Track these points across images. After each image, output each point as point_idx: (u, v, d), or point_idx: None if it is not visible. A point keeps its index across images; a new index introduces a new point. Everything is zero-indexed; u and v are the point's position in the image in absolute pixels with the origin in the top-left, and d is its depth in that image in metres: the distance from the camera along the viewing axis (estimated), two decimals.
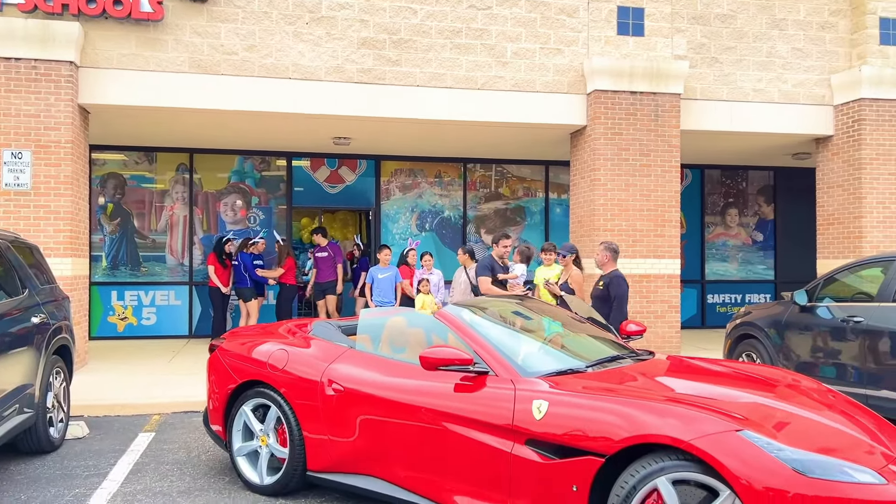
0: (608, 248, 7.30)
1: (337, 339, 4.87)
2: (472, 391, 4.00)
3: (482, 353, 4.09)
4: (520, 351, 4.21)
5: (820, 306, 6.87)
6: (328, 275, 11.45)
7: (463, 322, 4.33)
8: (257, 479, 4.82)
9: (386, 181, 13.08)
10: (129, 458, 5.65)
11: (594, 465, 3.45)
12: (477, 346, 4.14)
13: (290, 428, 4.62)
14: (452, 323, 4.34)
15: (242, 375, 4.92)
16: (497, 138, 11.28)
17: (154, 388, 8.01)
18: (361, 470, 4.40)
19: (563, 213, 13.55)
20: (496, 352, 4.09)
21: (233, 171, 12.65)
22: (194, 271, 12.44)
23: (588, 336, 4.91)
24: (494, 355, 4.07)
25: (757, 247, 14.43)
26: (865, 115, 10.35)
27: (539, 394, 3.75)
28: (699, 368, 4.42)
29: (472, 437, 3.90)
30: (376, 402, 4.30)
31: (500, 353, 4.09)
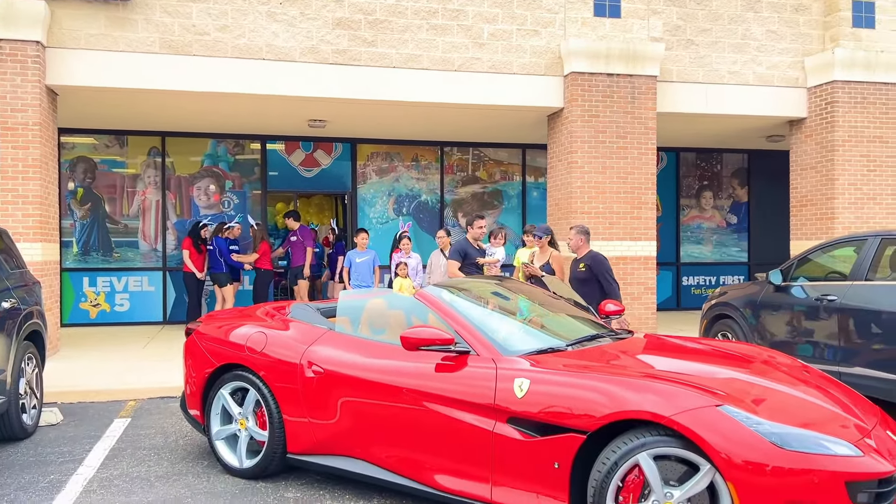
0: (581, 231, 7.34)
1: (316, 322, 4.82)
2: (453, 371, 3.98)
3: (463, 332, 4.07)
4: (500, 330, 4.20)
5: (794, 286, 6.95)
6: (300, 259, 11.33)
7: (443, 302, 4.30)
8: (236, 462, 4.78)
9: (362, 165, 12.98)
10: (104, 444, 5.57)
11: (576, 442, 3.46)
12: (458, 325, 4.12)
13: (269, 411, 4.58)
14: (433, 303, 4.31)
15: (220, 359, 4.86)
16: (474, 121, 11.24)
17: (129, 374, 7.91)
18: (342, 451, 4.38)
19: (540, 197, 13.57)
20: (477, 331, 4.08)
21: (206, 154, 12.47)
22: (168, 257, 12.28)
23: (567, 316, 4.92)
24: (475, 335, 4.05)
25: (731, 229, 14.58)
26: (838, 97, 10.46)
27: (520, 372, 3.74)
28: (677, 346, 4.45)
29: (454, 416, 3.89)
30: (357, 383, 4.27)
31: (480, 332, 4.07)
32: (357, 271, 9.42)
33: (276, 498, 4.41)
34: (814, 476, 3.09)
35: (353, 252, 9.61)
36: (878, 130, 10.60)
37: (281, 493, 4.48)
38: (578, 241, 7.27)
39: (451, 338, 3.97)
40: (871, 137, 10.58)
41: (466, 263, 7.26)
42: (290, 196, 13.35)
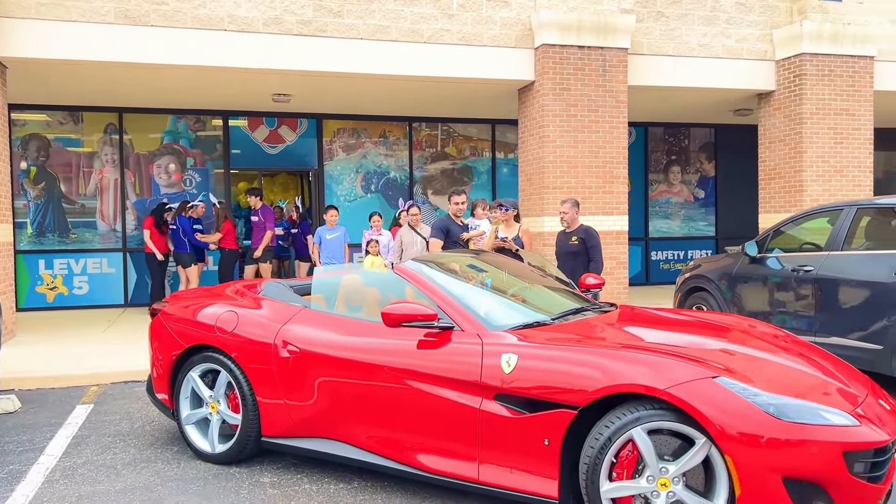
0: (575, 204, 7.32)
1: (289, 300, 4.62)
2: (435, 347, 3.83)
3: (446, 307, 3.92)
4: (483, 305, 4.05)
5: (769, 257, 6.93)
6: (257, 240, 10.67)
7: (425, 277, 4.14)
8: (208, 447, 4.58)
9: (328, 141, 12.69)
10: (66, 432, 5.32)
11: (566, 417, 3.34)
12: (440, 300, 3.96)
13: (242, 393, 4.38)
14: (413, 278, 4.14)
15: (188, 340, 4.63)
16: (443, 95, 11.02)
17: (90, 358, 7.60)
18: (320, 433, 4.21)
19: (510, 173, 13.43)
20: (460, 306, 3.92)
21: (165, 131, 12.06)
22: (128, 237, 11.88)
23: (547, 289, 4.79)
24: (459, 310, 3.90)
25: (699, 204, 14.63)
26: (806, 69, 10.47)
27: (507, 347, 3.60)
28: (661, 318, 4.36)
29: (438, 394, 3.74)
30: (334, 362, 4.10)
31: (464, 307, 3.92)
32: (328, 248, 9.20)
33: (251, 483, 4.22)
34: (812, 447, 3.01)
35: (322, 229, 9.38)
36: (844, 103, 10.65)
37: (256, 479, 4.30)
38: (574, 214, 7.21)
39: (434, 313, 3.81)
40: (838, 110, 10.63)
41: (449, 241, 6.89)
42: (255, 174, 13.01)
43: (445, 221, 7.05)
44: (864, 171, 10.79)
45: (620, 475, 3.24)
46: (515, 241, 7.29)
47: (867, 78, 10.73)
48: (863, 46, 10.62)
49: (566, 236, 7.37)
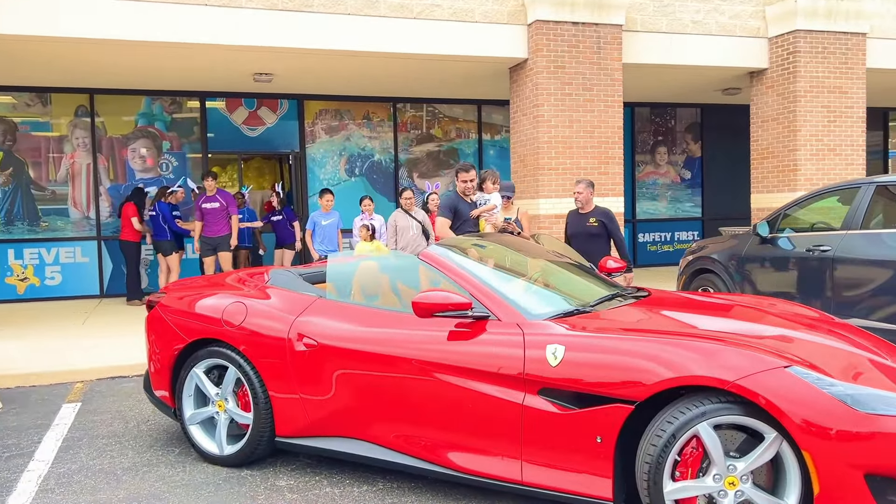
0: (590, 185, 7.07)
1: (301, 289, 4.30)
2: (468, 338, 3.55)
3: (480, 296, 3.63)
4: (518, 292, 3.78)
5: (781, 237, 6.76)
6: (219, 228, 9.82)
7: (453, 263, 3.84)
8: (216, 449, 4.26)
9: (310, 123, 12.26)
10: (55, 434, 4.94)
11: (622, 412, 3.09)
12: (473, 288, 3.67)
13: (253, 390, 4.06)
14: (441, 265, 3.85)
15: (191, 334, 4.29)
16: (430, 74, 10.67)
17: (71, 352, 7.18)
18: (340, 432, 3.91)
19: (497, 155, 13.14)
20: (495, 294, 3.64)
21: (140, 113, 11.53)
22: (102, 225, 11.36)
23: (574, 275, 4.53)
24: (494, 298, 3.62)
25: (685, 185, 14.51)
26: (800, 46, 10.32)
27: (552, 337, 3.33)
28: (702, 303, 4.12)
29: (474, 388, 3.47)
30: (356, 356, 3.80)
31: (499, 295, 3.64)
32: (324, 234, 8.84)
33: (267, 487, 3.92)
34: (892, 439, 2.80)
35: (317, 214, 9.00)
36: (837, 81, 10.54)
37: (272, 482, 3.99)
38: (589, 194, 6.98)
39: (469, 302, 3.52)
40: (832, 88, 10.52)
41: (458, 221, 6.41)
42: (234, 157, 12.53)
43: (453, 199, 6.42)
44: (856, 150, 10.71)
45: (684, 474, 3.00)
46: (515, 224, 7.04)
47: (860, 55, 10.62)
48: (856, 23, 10.50)
49: (581, 217, 7.08)
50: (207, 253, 9.89)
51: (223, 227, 9.88)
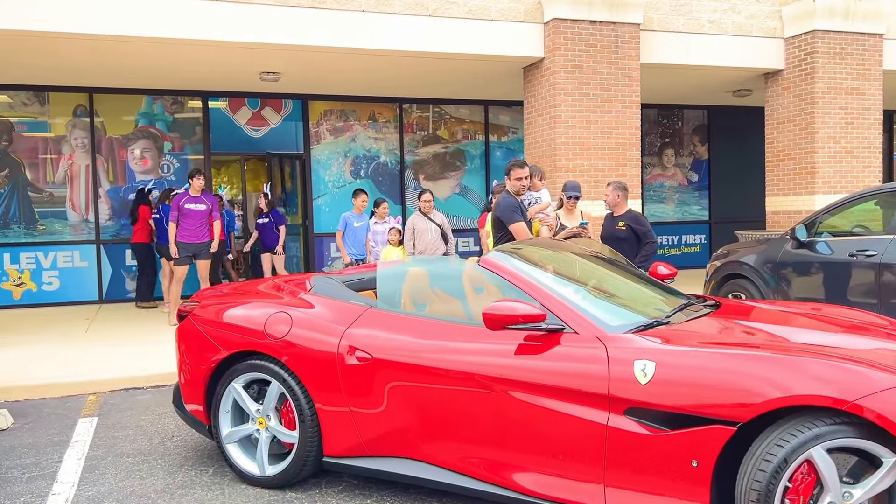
0: (620, 188, 6.95)
1: (348, 297, 4.03)
2: (540, 352, 3.30)
3: (552, 306, 3.38)
4: (591, 303, 3.52)
5: (819, 241, 6.58)
6: (202, 233, 8.94)
7: (520, 272, 3.59)
8: (256, 469, 3.97)
9: (315, 124, 11.96)
10: (75, 452, 4.63)
11: (722, 435, 2.85)
12: (543, 298, 3.42)
13: (299, 407, 3.78)
14: (506, 272, 3.59)
15: (230, 346, 4.01)
16: (440, 74, 10.41)
17: (79, 362, 6.85)
18: (394, 452, 3.65)
19: (503, 157, 12.90)
20: (569, 304, 3.39)
21: (140, 113, 11.18)
22: (101, 228, 11.00)
23: (636, 282, 4.28)
24: (567, 309, 3.37)
25: (692, 187, 14.35)
26: (818, 47, 10.17)
27: (640, 353, 3.09)
28: (783, 313, 3.87)
29: (547, 406, 3.22)
30: (414, 371, 3.53)
31: (574, 305, 3.39)
32: (354, 236, 8.55)
33: None
34: None
35: (349, 215, 8.67)
36: (854, 82, 10.41)
37: None
38: (617, 196, 6.91)
39: (543, 313, 3.27)
40: (849, 89, 10.38)
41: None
42: (237, 158, 12.20)
43: (513, 201, 5.77)
44: (873, 153, 10.58)
45: (795, 502, 2.76)
46: (582, 226, 6.77)
47: (876, 56, 10.50)
48: (873, 23, 10.37)
49: (612, 220, 6.98)
50: (185, 260, 8.87)
51: (206, 233, 9.00)
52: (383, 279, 4.04)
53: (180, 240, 8.84)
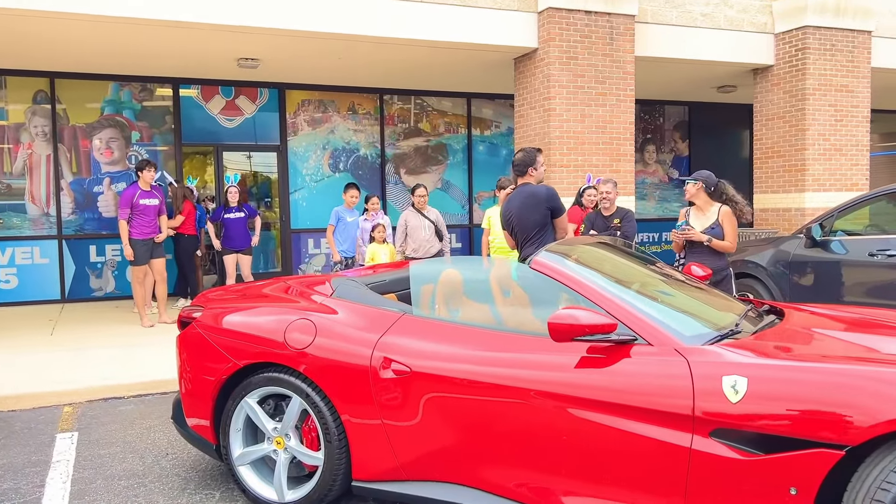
0: (616, 185, 6.74)
1: (377, 302, 3.63)
2: (604, 366, 2.96)
3: (621, 315, 3.04)
4: (660, 311, 3.19)
5: (834, 240, 6.39)
6: (157, 230, 8.44)
7: (580, 275, 3.24)
8: (273, 494, 3.56)
9: (292, 114, 11.45)
10: (59, 474, 4.14)
11: (828, 459, 2.55)
12: (609, 306, 3.08)
13: (324, 425, 3.38)
14: (565, 276, 3.23)
15: (243, 356, 3.57)
16: (424, 64, 10.00)
17: (49, 369, 6.30)
18: (436, 476, 3.27)
19: (486, 151, 12.58)
20: (640, 313, 3.06)
21: (106, 100, 10.53)
22: (63, 223, 10.33)
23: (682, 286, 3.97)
24: (639, 318, 3.03)
25: (673, 184, 14.22)
26: (809, 43, 10.07)
27: (730, 367, 2.76)
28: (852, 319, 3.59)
29: (617, 426, 2.88)
30: (460, 385, 3.16)
31: (644, 314, 3.06)
32: (346, 232, 8.08)
33: None
34: None
35: (341, 209, 8.16)
36: (844, 79, 10.34)
37: None
38: (615, 195, 6.70)
39: (613, 323, 2.93)
40: (839, 86, 10.31)
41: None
42: (210, 149, 11.59)
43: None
44: (861, 151, 10.54)
45: None
46: (712, 231, 5.50)
47: (865, 53, 10.45)
48: (863, 20, 10.31)
49: (605, 220, 6.74)
50: (144, 259, 8.29)
51: (158, 229, 8.45)
52: (418, 282, 3.65)
53: (136, 237, 8.23)
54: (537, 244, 5.20)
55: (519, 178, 5.25)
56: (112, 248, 10.42)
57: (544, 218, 5.19)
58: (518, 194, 5.20)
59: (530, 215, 5.15)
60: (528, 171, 5.19)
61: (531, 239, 5.09)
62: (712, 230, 5.45)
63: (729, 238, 5.42)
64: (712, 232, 5.45)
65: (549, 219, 5.19)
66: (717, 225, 5.44)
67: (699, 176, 5.58)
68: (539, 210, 5.16)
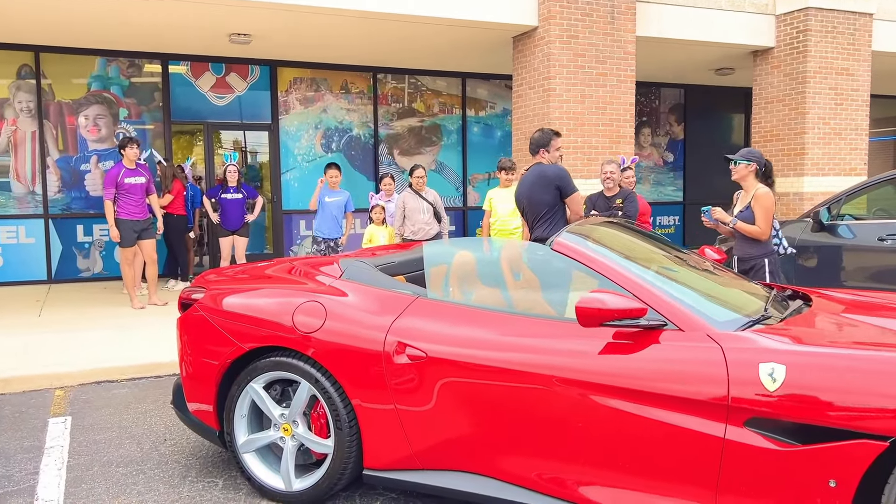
0: (619, 166, 6.63)
1: (389, 285, 3.48)
2: (631, 352, 2.84)
3: (650, 299, 2.91)
4: (689, 295, 3.07)
5: (841, 225, 6.31)
6: (145, 209, 8.13)
7: (605, 258, 3.10)
8: (280, 483, 3.42)
9: (284, 92, 11.20)
10: (53, 461, 3.98)
11: (870, 451, 2.44)
12: (637, 290, 2.95)
13: (335, 412, 3.24)
14: (589, 259, 3.09)
15: (248, 340, 3.42)
16: (416, 42, 9.77)
17: (39, 352, 6.11)
18: (453, 465, 3.15)
19: (481, 133, 12.40)
20: (669, 298, 2.93)
21: (93, 76, 10.24)
22: (49, 201, 10.07)
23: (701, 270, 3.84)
24: (668, 303, 2.91)
25: (668, 167, 14.12)
26: (811, 24, 9.94)
27: (767, 354, 2.65)
28: (884, 305, 3.48)
29: (645, 415, 2.77)
30: (479, 371, 3.03)
31: (674, 299, 2.93)
32: (325, 213, 7.88)
33: None
34: None
35: (323, 189, 7.98)
36: (845, 62, 10.24)
37: None
38: (618, 176, 6.57)
39: (644, 308, 2.81)
40: (839, 69, 10.21)
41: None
42: (199, 127, 11.33)
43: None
44: (860, 135, 10.47)
45: None
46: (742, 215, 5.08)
47: (866, 36, 10.35)
48: (865, 2, 10.20)
49: (607, 200, 6.65)
50: (131, 241, 8.02)
51: (147, 208, 8.18)
52: (431, 263, 3.50)
53: (123, 217, 7.96)
54: (547, 225, 5.08)
55: (532, 157, 5.11)
56: (100, 227, 10.18)
57: (554, 198, 5.07)
58: (528, 175, 5.07)
59: (540, 195, 5.02)
60: (539, 152, 5.05)
61: (541, 219, 4.95)
62: (742, 213, 5.04)
63: (759, 223, 4.92)
64: (742, 215, 5.03)
65: (560, 199, 5.07)
66: (747, 208, 5.02)
67: (751, 156, 5.00)
68: (548, 190, 5.03)
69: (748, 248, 5.05)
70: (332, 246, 7.96)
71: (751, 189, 5.08)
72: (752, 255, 5.05)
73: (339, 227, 7.95)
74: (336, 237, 7.93)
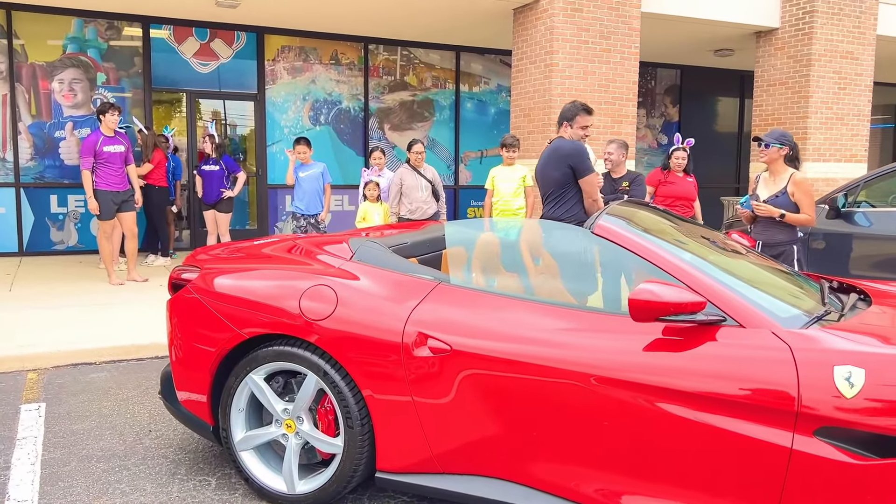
0: (623, 146, 6.48)
1: (406, 269, 3.14)
2: (682, 349, 2.54)
3: (707, 292, 2.61)
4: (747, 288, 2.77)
5: (858, 212, 6.07)
6: (125, 179, 7.69)
7: (654, 245, 2.79)
8: (283, 485, 3.10)
9: (271, 61, 10.73)
10: (26, 454, 3.62)
11: None
12: (693, 282, 2.65)
13: (346, 409, 2.92)
14: (635, 245, 2.78)
15: (248, 326, 3.08)
16: (411, 10, 9.36)
17: (10, 331, 5.70)
18: (478, 470, 2.84)
19: (474, 109, 12.03)
20: (728, 290, 2.63)
21: (69, 37, 9.70)
22: (21, 169, 9.56)
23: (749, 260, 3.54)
24: (729, 296, 2.60)
25: (662, 150, 13.86)
26: (818, 6, 9.68)
27: (842, 356, 2.36)
28: None
29: (703, 421, 2.47)
30: (510, 368, 2.72)
31: (734, 291, 2.64)
32: (301, 189, 7.49)
33: None
34: None
35: (295, 166, 7.58)
36: (850, 46, 10.01)
37: None
38: (620, 156, 6.35)
39: (703, 301, 2.51)
40: (844, 53, 9.98)
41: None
42: (181, 95, 10.83)
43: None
44: (862, 121, 10.27)
45: None
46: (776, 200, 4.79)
47: (872, 20, 10.12)
48: None
49: (613, 182, 6.38)
50: (110, 213, 7.59)
51: (126, 179, 7.73)
52: (454, 245, 3.17)
53: (102, 188, 7.51)
54: (554, 204, 4.76)
55: (556, 131, 4.78)
56: (75, 198, 9.71)
57: (565, 176, 4.72)
58: (547, 148, 4.74)
59: (550, 171, 4.69)
60: (563, 125, 4.72)
61: (549, 197, 4.63)
62: (776, 199, 4.76)
63: (807, 210, 4.66)
64: (776, 201, 4.75)
65: (572, 178, 4.73)
66: (783, 193, 4.74)
67: (784, 139, 4.73)
68: (560, 167, 4.69)
69: (777, 234, 4.80)
70: (312, 223, 7.58)
71: (779, 173, 4.83)
72: (781, 241, 4.79)
73: (319, 203, 7.55)
74: (316, 213, 7.54)
